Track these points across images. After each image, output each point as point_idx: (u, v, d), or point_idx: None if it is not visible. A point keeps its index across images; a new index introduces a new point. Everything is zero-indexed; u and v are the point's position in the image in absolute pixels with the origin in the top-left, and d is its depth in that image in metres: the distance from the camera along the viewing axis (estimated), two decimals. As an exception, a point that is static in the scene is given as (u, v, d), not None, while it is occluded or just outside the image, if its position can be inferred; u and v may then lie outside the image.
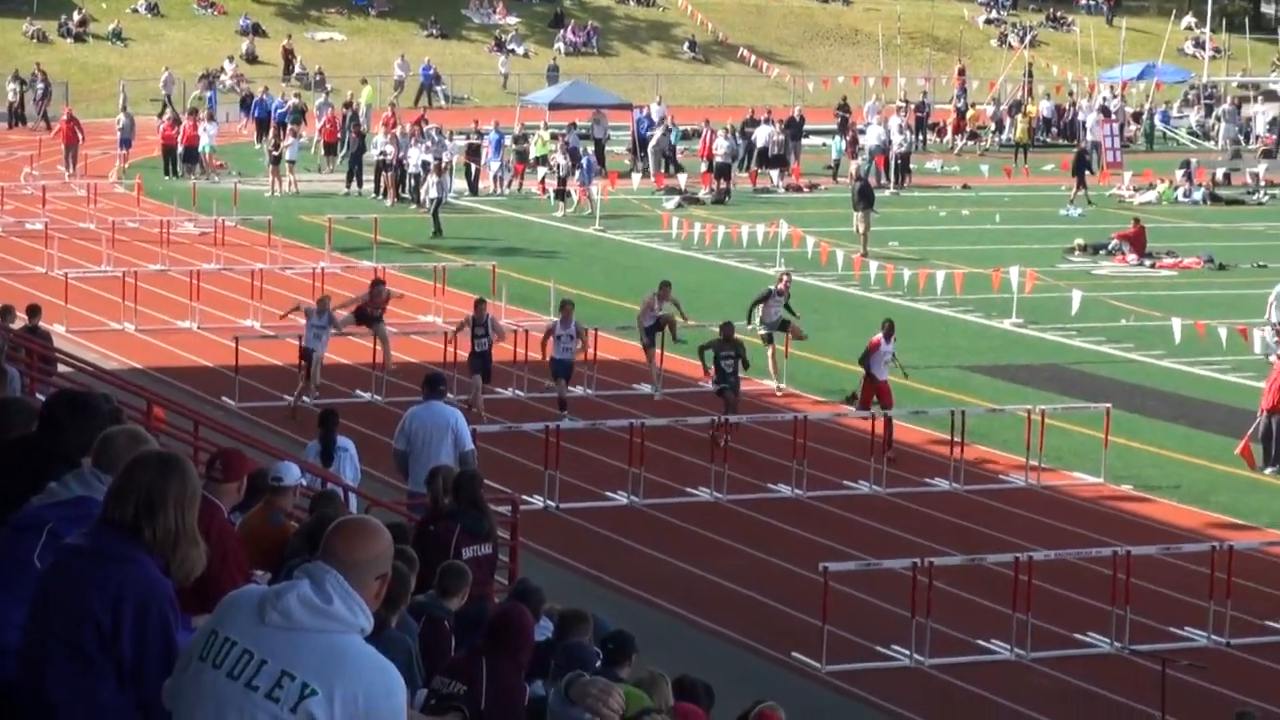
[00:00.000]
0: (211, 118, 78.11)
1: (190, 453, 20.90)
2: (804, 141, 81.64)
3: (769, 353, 41.67)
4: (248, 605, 7.49)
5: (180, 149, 73.70)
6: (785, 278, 44.04)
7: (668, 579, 29.56)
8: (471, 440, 27.09)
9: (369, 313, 40.68)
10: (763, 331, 41.79)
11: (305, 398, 38.11)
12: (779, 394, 41.63)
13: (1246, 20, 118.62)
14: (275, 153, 70.38)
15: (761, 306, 42.16)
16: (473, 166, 73.14)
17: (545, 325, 40.09)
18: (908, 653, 26.10)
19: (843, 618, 26.41)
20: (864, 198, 61.88)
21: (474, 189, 72.49)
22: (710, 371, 38.86)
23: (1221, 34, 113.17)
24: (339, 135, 74.75)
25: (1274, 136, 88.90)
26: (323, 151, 76.41)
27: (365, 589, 7.39)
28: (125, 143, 75.58)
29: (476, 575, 17.35)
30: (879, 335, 37.84)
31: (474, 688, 13.83)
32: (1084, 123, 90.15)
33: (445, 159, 70.14)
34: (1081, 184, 73.50)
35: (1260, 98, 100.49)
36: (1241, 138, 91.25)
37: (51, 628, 8.04)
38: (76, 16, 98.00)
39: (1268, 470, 37.10)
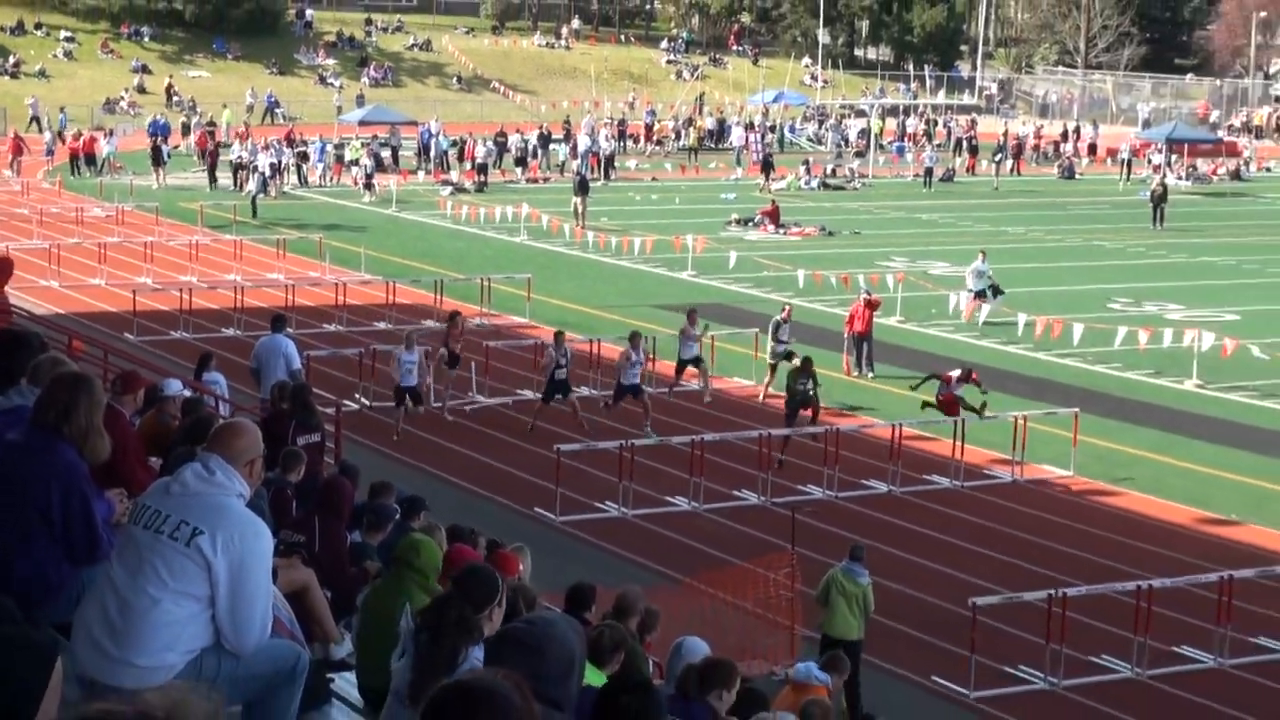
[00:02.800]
0: (111, 133, 77.08)
1: (100, 374, 20.50)
2: (545, 149, 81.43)
3: (769, 374, 35.32)
4: (161, 484, 8.23)
5: (81, 157, 73.09)
6: (787, 309, 36.87)
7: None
8: (299, 360, 27.74)
9: (453, 351, 33.18)
10: (775, 359, 35.26)
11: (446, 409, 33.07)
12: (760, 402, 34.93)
13: (842, 61, 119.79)
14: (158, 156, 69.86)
15: (770, 330, 35.74)
16: (303, 166, 72.58)
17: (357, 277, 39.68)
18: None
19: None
20: (582, 187, 62.25)
21: (304, 182, 71.68)
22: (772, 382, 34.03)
23: (829, 70, 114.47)
24: (206, 145, 73.80)
25: (864, 141, 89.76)
26: (195, 156, 75.15)
27: (239, 467, 7.99)
28: (49, 152, 75.27)
29: (310, 457, 17.13)
30: (954, 373, 32.28)
31: (309, 538, 13.68)
32: (732, 132, 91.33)
33: (285, 161, 70.57)
34: (767, 177, 74.11)
35: (854, 114, 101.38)
36: (842, 143, 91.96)
37: (-1, 499, 8.84)
38: (12, 59, 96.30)
39: (870, 375, 37.49)
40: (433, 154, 77.87)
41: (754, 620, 20.87)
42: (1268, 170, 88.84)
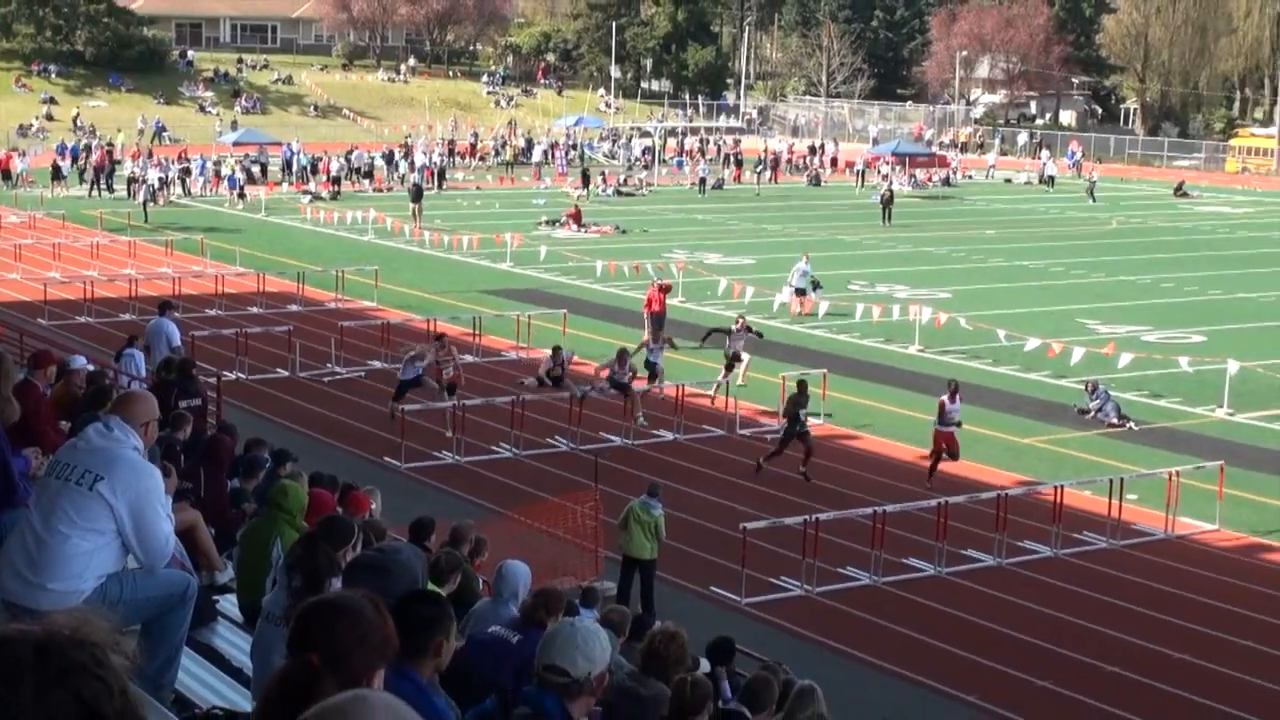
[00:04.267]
0: (24, 153, 75.89)
1: (18, 353, 20.14)
2: (389, 164, 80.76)
3: (724, 372, 32.18)
4: (70, 442, 8.32)
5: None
6: (741, 319, 33.78)
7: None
8: (179, 339, 27.16)
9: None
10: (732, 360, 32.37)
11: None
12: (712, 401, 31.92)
13: (631, 91, 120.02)
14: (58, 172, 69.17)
15: (725, 339, 32.82)
16: (186, 179, 71.17)
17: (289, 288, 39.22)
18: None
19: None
20: (418, 194, 61.86)
21: (188, 193, 70.12)
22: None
23: (620, 99, 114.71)
24: (104, 163, 72.63)
25: (649, 157, 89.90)
26: (92, 174, 73.62)
27: (136, 428, 7.98)
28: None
29: (194, 418, 16.82)
30: (945, 397, 27.10)
31: (196, 485, 13.44)
32: (545, 151, 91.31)
33: (170, 175, 69.28)
34: (585, 185, 73.94)
35: (640, 135, 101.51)
36: (632, 159, 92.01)
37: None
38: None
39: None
40: (294, 169, 77.01)
41: (565, 544, 20.84)
42: (969, 178, 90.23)
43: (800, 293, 42.50)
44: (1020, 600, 21.20)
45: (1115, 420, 30.65)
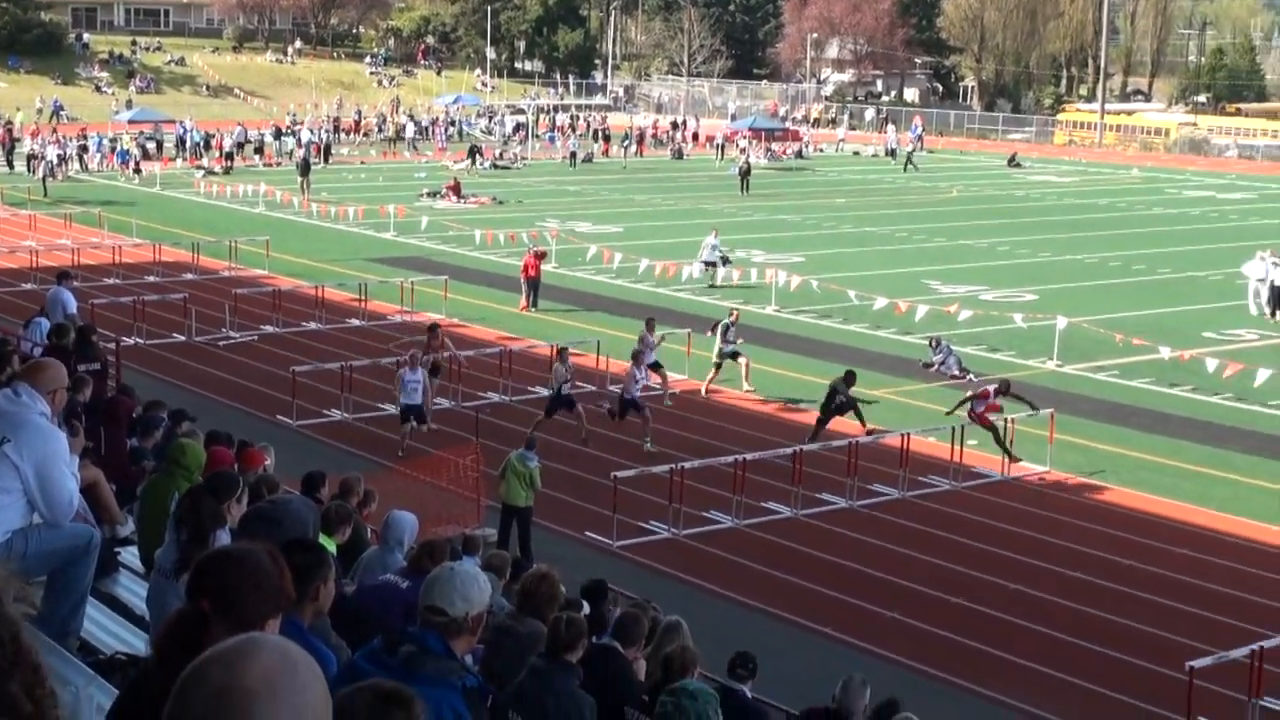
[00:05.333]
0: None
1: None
2: (278, 140, 79.64)
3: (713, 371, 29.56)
4: None
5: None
6: (735, 313, 30.76)
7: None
8: (74, 307, 26.14)
9: (435, 361, 27.37)
10: (721, 358, 29.48)
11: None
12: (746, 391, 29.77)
13: (505, 71, 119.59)
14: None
15: (719, 333, 29.55)
16: (84, 156, 69.90)
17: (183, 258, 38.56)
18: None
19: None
20: (305, 169, 61.01)
21: (86, 169, 68.72)
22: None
23: (495, 79, 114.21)
24: (4, 141, 71.19)
25: (523, 133, 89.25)
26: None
27: (43, 394, 7.96)
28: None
29: (95, 381, 16.51)
30: (990, 388, 25.99)
31: (97, 444, 13.23)
32: (426, 127, 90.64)
33: (69, 152, 68.02)
34: (472, 161, 73.25)
35: (515, 112, 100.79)
36: (507, 134, 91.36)
37: None
38: None
39: (534, 310, 37.37)
40: (188, 145, 75.55)
41: (448, 494, 20.79)
42: (820, 151, 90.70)
43: (710, 265, 41.87)
44: (870, 539, 21.44)
45: (957, 373, 31.04)
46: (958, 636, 17.99)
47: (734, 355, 29.63)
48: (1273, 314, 38.52)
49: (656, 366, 28.35)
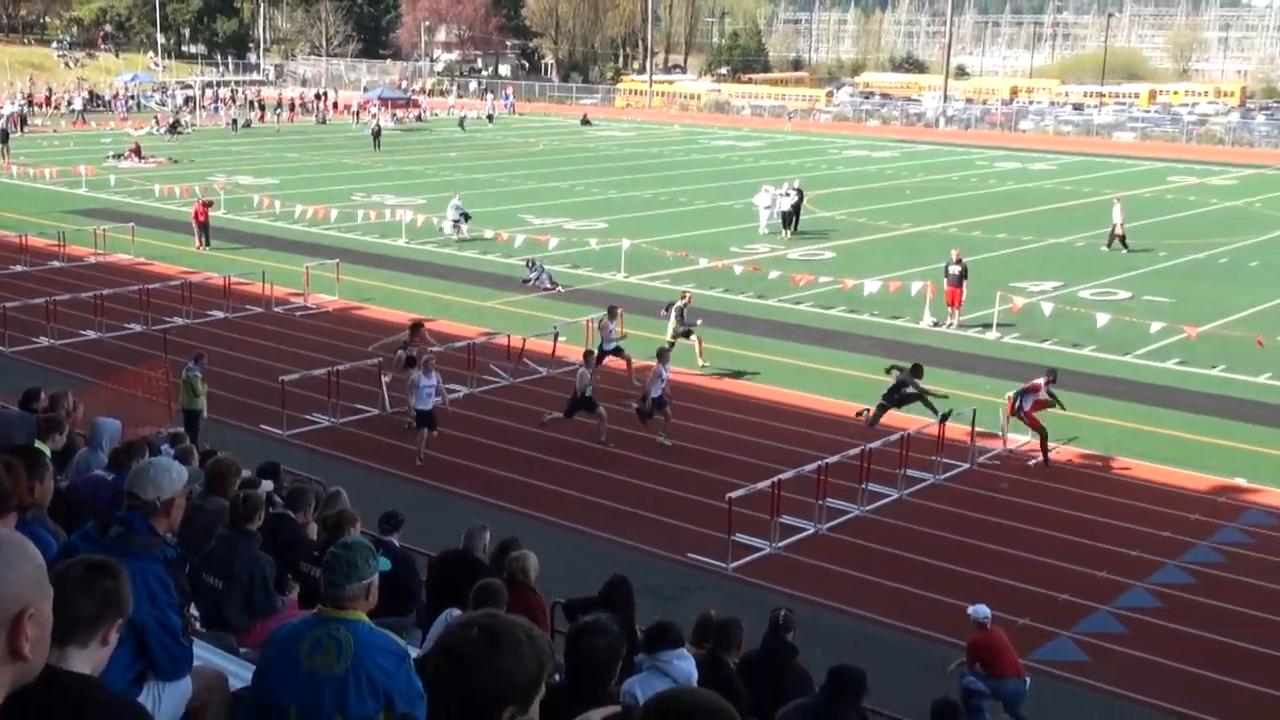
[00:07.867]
0: None
1: None
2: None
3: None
4: None
5: None
6: (688, 295, 25.65)
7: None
8: None
9: (411, 355, 21.35)
10: (675, 336, 24.11)
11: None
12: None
13: (175, 53, 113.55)
14: None
15: (674, 314, 24.56)
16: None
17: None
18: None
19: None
20: (4, 137, 56.56)
21: None
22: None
23: (167, 60, 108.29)
24: None
25: (192, 104, 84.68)
26: None
27: None
28: None
29: None
30: (1041, 380, 19.52)
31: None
32: (108, 101, 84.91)
33: None
34: (262, 115, 68.68)
35: (184, 87, 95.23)
36: (178, 106, 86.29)
37: None
38: None
39: (207, 249, 35.79)
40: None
41: (144, 402, 19.89)
42: (436, 115, 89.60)
43: (456, 223, 38.49)
44: (493, 420, 21.53)
45: (548, 286, 31.41)
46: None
47: (687, 334, 24.46)
48: (786, 230, 40.00)
49: (619, 352, 23.25)
